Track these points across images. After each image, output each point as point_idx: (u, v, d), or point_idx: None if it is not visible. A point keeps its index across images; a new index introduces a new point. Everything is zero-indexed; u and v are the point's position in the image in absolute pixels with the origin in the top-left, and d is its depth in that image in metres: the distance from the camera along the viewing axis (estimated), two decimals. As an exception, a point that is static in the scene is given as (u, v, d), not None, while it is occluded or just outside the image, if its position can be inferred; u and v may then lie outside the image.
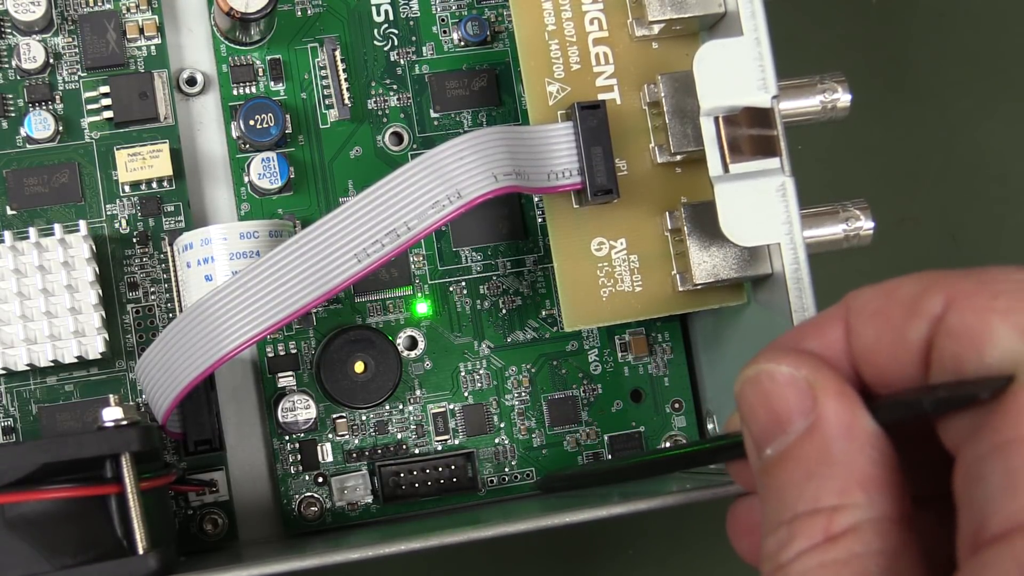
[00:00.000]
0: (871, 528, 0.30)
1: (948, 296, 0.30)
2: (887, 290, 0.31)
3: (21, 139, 0.50)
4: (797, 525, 0.30)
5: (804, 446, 0.31)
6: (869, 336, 0.31)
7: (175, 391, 0.44)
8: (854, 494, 0.30)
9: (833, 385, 0.31)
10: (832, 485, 0.30)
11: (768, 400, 0.32)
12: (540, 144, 0.45)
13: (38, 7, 0.49)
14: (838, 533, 0.30)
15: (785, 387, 0.32)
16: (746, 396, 0.33)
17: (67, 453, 0.39)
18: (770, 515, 0.31)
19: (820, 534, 0.30)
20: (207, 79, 0.51)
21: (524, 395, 0.52)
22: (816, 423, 0.31)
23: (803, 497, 0.30)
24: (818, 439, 0.31)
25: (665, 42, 0.47)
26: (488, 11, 0.53)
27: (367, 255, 0.43)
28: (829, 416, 0.31)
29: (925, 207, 0.60)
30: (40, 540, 0.40)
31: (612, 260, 0.47)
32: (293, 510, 0.50)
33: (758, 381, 0.32)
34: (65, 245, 0.47)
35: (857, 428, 0.31)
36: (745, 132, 0.43)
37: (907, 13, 0.61)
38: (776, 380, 0.32)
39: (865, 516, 0.30)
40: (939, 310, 0.30)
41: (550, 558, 0.55)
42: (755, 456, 0.32)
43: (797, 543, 0.30)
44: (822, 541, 0.30)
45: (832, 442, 0.30)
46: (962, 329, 0.29)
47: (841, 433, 0.31)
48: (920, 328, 0.30)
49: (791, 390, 0.31)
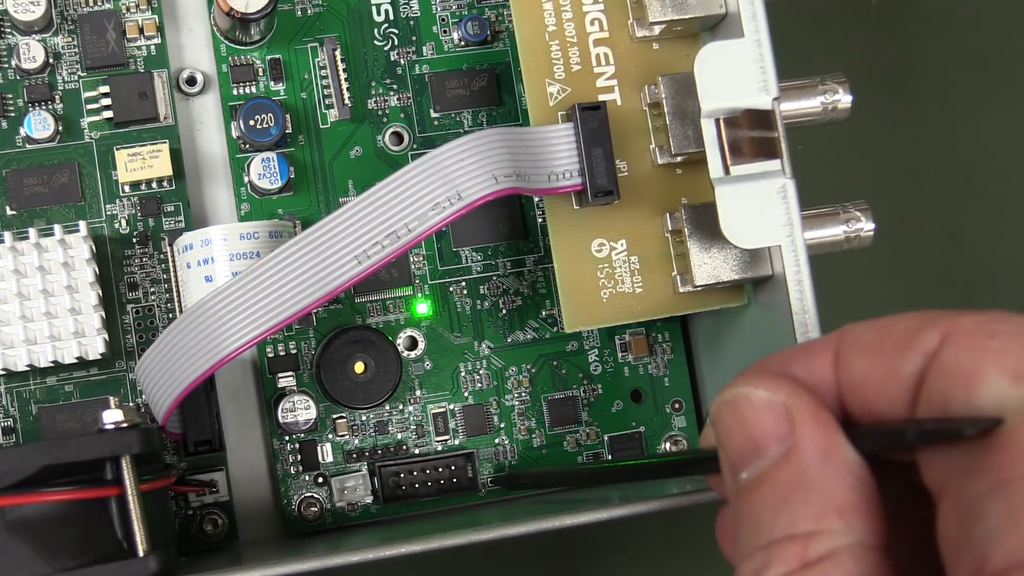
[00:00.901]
0: (848, 554, 0.29)
1: (944, 332, 0.30)
2: (884, 324, 0.31)
3: (21, 139, 0.49)
4: (773, 551, 0.30)
5: (780, 471, 0.30)
6: (859, 367, 0.31)
7: (175, 392, 0.44)
8: (831, 520, 0.30)
9: (811, 410, 0.31)
10: (808, 511, 0.30)
11: (744, 424, 0.32)
12: (540, 145, 0.45)
13: (38, 7, 0.49)
14: (814, 559, 0.29)
15: (762, 411, 0.31)
16: (722, 419, 0.32)
17: (67, 455, 0.39)
18: (745, 540, 0.31)
19: (796, 560, 0.29)
20: (207, 79, 0.51)
21: (524, 395, 0.51)
22: (793, 448, 0.31)
23: (779, 522, 0.30)
24: (795, 464, 0.30)
25: (666, 43, 0.47)
26: (488, 11, 0.52)
27: (367, 257, 0.43)
28: (806, 441, 0.30)
29: (925, 207, 0.60)
30: (41, 542, 0.40)
31: (612, 261, 0.47)
32: (293, 510, 0.50)
33: (735, 404, 0.32)
34: (65, 246, 0.47)
35: (834, 453, 0.30)
36: (746, 134, 0.43)
37: (907, 13, 0.61)
38: (753, 404, 0.31)
39: (842, 542, 0.29)
40: (934, 345, 0.30)
41: (550, 558, 0.55)
42: (731, 479, 0.32)
43: (773, 569, 0.30)
44: (798, 567, 0.29)
45: (808, 467, 0.30)
46: (954, 367, 0.29)
47: (818, 458, 0.30)
48: (913, 362, 0.30)
49: (768, 414, 0.31)
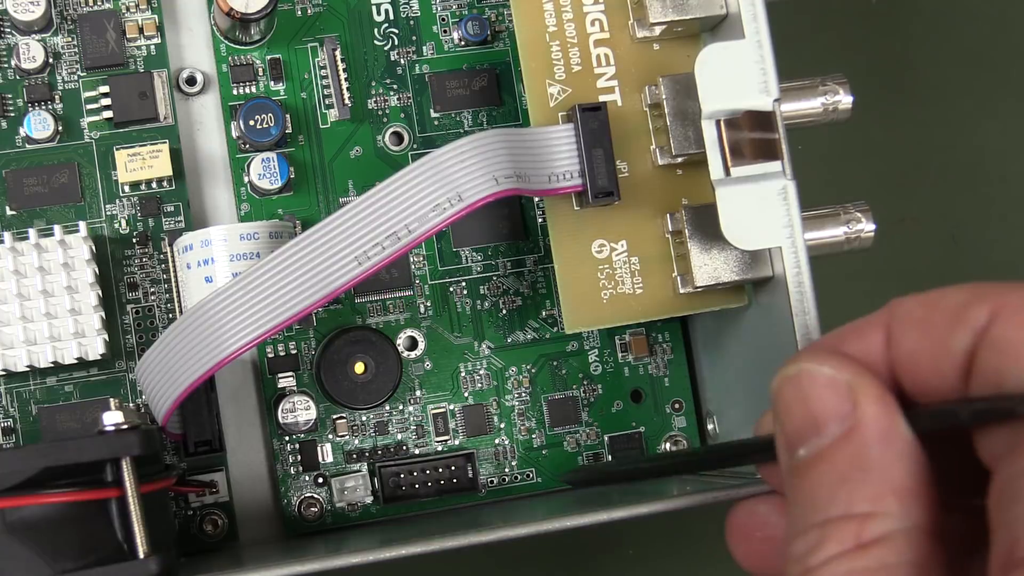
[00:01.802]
0: (903, 538, 0.29)
1: (994, 308, 0.29)
2: (932, 299, 0.31)
3: (20, 139, 0.49)
4: (828, 529, 0.30)
5: (840, 450, 0.30)
6: (911, 344, 0.31)
7: (175, 393, 0.44)
8: (888, 502, 0.29)
9: (874, 390, 0.31)
10: (866, 491, 0.30)
11: (807, 400, 0.31)
12: (541, 146, 0.45)
13: (37, 7, 0.49)
14: (870, 541, 0.29)
15: (825, 388, 0.31)
16: (784, 394, 0.32)
17: (68, 457, 0.39)
18: (799, 517, 0.31)
19: (851, 540, 0.29)
20: (207, 79, 0.51)
21: (524, 395, 0.51)
22: (855, 427, 0.30)
23: (836, 501, 0.30)
24: (855, 444, 0.30)
25: (666, 44, 0.47)
26: (489, 11, 0.52)
27: (368, 258, 0.43)
28: (868, 421, 0.30)
29: (925, 207, 0.60)
30: (41, 544, 0.40)
31: (613, 262, 0.47)
32: (293, 511, 0.50)
33: (798, 380, 0.32)
34: (65, 246, 0.47)
35: (895, 435, 0.30)
36: (747, 135, 0.43)
37: (907, 14, 0.60)
38: (817, 381, 0.31)
39: (898, 525, 0.29)
40: (984, 321, 0.29)
41: (551, 558, 0.55)
42: (786, 456, 0.32)
43: (827, 548, 0.29)
44: (853, 547, 0.29)
45: (869, 448, 0.30)
46: (1005, 342, 0.29)
47: (879, 439, 0.30)
48: (963, 339, 0.30)
49: (831, 392, 0.31)
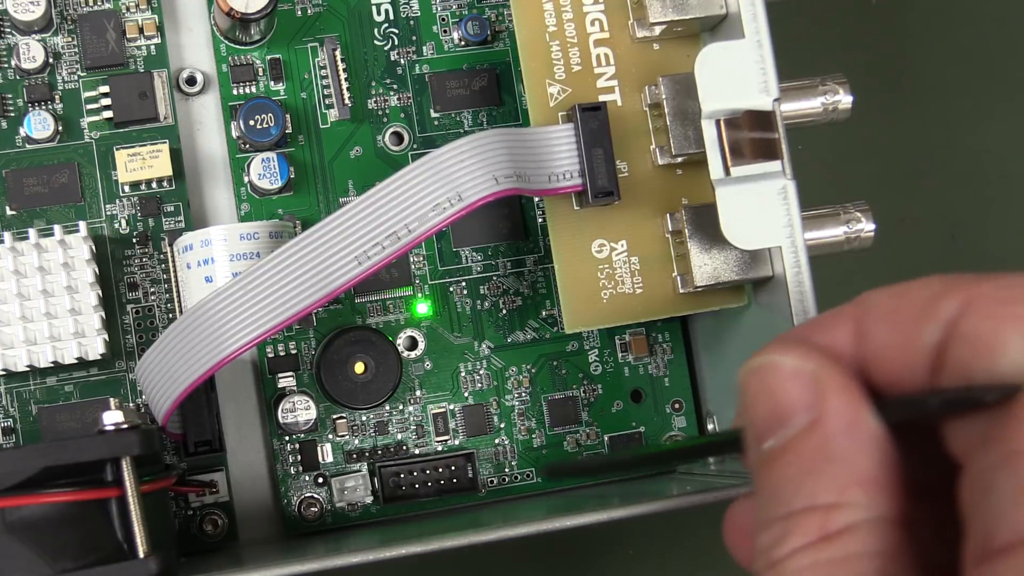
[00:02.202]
0: (868, 528, 0.29)
1: (964, 300, 0.29)
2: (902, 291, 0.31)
3: (20, 139, 0.49)
4: (792, 521, 0.29)
5: (805, 441, 0.30)
6: (880, 337, 0.31)
7: (176, 393, 0.44)
8: (853, 492, 0.29)
9: (839, 380, 0.30)
10: (830, 482, 0.29)
11: (771, 391, 0.31)
12: (541, 146, 0.45)
13: (37, 7, 0.49)
14: (834, 532, 0.29)
15: (790, 379, 0.31)
16: (749, 386, 0.32)
17: (68, 457, 0.39)
18: (765, 510, 0.31)
19: (815, 532, 0.29)
20: (207, 79, 0.51)
21: (524, 395, 0.51)
22: (819, 418, 0.30)
23: (800, 493, 0.30)
24: (819, 434, 0.30)
25: (666, 43, 0.47)
26: (489, 11, 0.52)
27: (368, 257, 0.43)
28: (832, 411, 0.30)
29: (925, 207, 0.60)
30: (41, 544, 0.40)
31: (613, 262, 0.47)
32: (293, 511, 0.50)
33: (763, 371, 0.31)
34: (65, 246, 0.47)
35: (860, 425, 0.30)
36: (746, 135, 0.43)
37: (907, 13, 0.60)
38: (781, 372, 0.31)
39: (863, 516, 0.29)
40: (954, 314, 0.29)
41: (551, 558, 0.55)
42: (754, 449, 0.32)
43: (791, 540, 0.29)
44: (817, 539, 0.29)
45: (834, 438, 0.30)
46: (975, 334, 0.28)
47: (843, 429, 0.30)
48: (933, 331, 0.29)
49: (796, 383, 0.31)
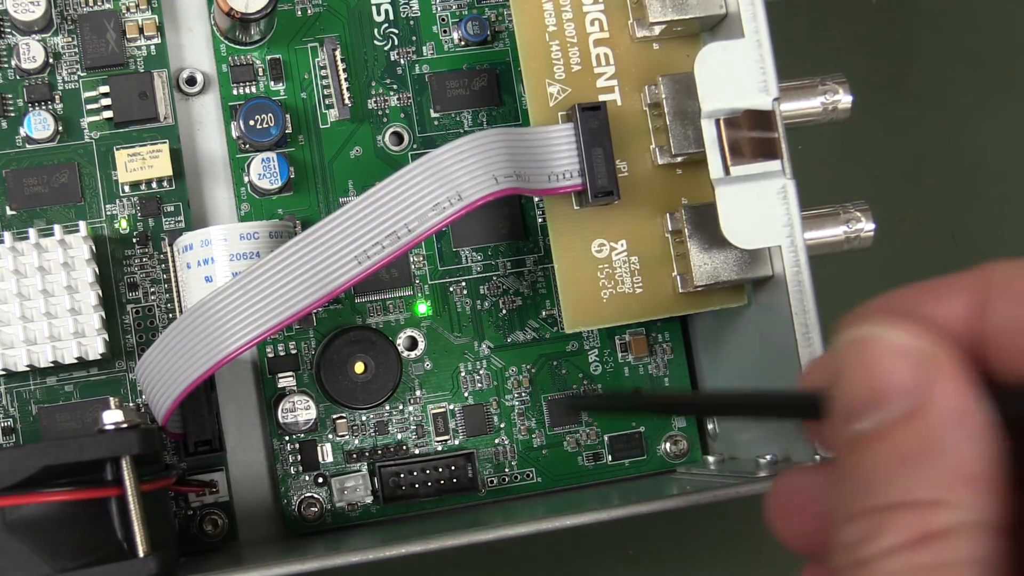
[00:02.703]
0: (973, 532, 0.26)
1: None
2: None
3: (21, 139, 0.49)
4: (887, 516, 0.26)
5: (907, 428, 0.27)
6: (1005, 315, 0.27)
7: (175, 392, 0.44)
8: (958, 491, 0.26)
9: (953, 364, 0.27)
10: (933, 477, 0.26)
11: (872, 368, 0.27)
12: (541, 145, 0.45)
13: (38, 7, 0.49)
14: (934, 533, 0.26)
15: (896, 357, 0.27)
16: (848, 358, 0.28)
17: (68, 456, 0.39)
18: (852, 500, 0.27)
19: (913, 531, 0.26)
20: (207, 79, 0.51)
21: (524, 395, 0.51)
22: (927, 404, 0.27)
23: (897, 485, 0.26)
24: (925, 422, 0.27)
25: (666, 43, 0.47)
26: (488, 11, 0.52)
27: (367, 257, 0.43)
28: (943, 399, 0.27)
29: (925, 207, 0.60)
30: (41, 543, 0.40)
31: (613, 262, 0.47)
32: (293, 510, 0.50)
33: (866, 344, 0.28)
34: (65, 246, 0.47)
35: (971, 416, 0.27)
36: (746, 134, 0.43)
37: (907, 13, 0.60)
38: (888, 347, 0.27)
39: (968, 517, 0.26)
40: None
41: (551, 558, 0.55)
42: (842, 427, 0.28)
43: (885, 538, 0.26)
44: (915, 539, 0.26)
45: (941, 428, 0.26)
46: None
47: (954, 420, 0.27)
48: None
49: (903, 361, 0.27)
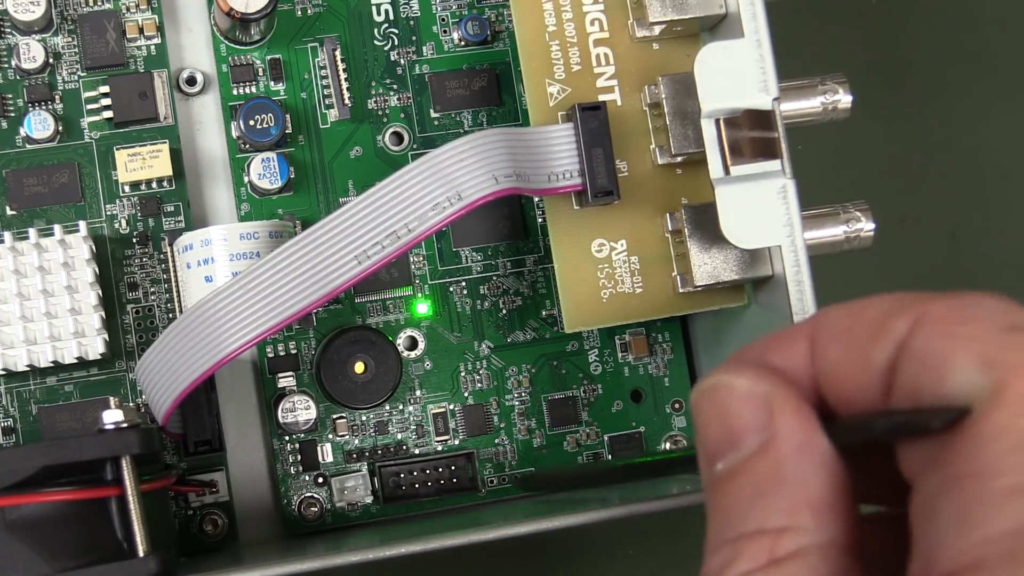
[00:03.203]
0: (818, 553, 0.28)
1: (916, 318, 0.28)
2: (856, 309, 0.30)
3: (21, 139, 0.49)
4: (741, 544, 0.29)
5: (756, 463, 0.29)
6: (833, 356, 0.30)
7: (175, 392, 0.44)
8: (802, 516, 0.29)
9: (791, 403, 0.30)
10: (781, 505, 0.29)
11: (723, 413, 0.30)
12: (541, 145, 0.45)
13: (38, 7, 0.49)
14: (783, 556, 0.28)
15: (741, 401, 0.30)
16: (701, 408, 0.31)
17: (68, 456, 0.39)
18: (715, 533, 0.30)
19: (764, 556, 0.28)
20: (207, 79, 0.51)
21: (524, 395, 0.51)
22: (770, 441, 0.29)
23: (750, 516, 0.29)
24: (771, 457, 0.29)
25: (666, 43, 0.47)
26: (488, 11, 0.52)
27: (367, 257, 0.43)
28: (784, 434, 0.29)
29: (925, 207, 0.60)
30: (40, 543, 0.40)
31: (613, 261, 0.47)
32: (293, 510, 0.50)
33: (715, 393, 0.31)
34: (65, 246, 0.47)
35: (812, 448, 0.29)
36: (746, 134, 0.43)
37: (907, 13, 0.61)
38: (733, 393, 0.30)
39: (812, 540, 0.28)
40: (904, 333, 0.29)
41: (551, 558, 0.55)
42: (706, 470, 0.31)
43: (740, 564, 0.29)
44: (766, 563, 0.28)
45: (785, 461, 0.29)
46: (924, 354, 0.28)
47: (794, 452, 0.29)
48: (885, 350, 0.29)
49: (747, 404, 0.30)
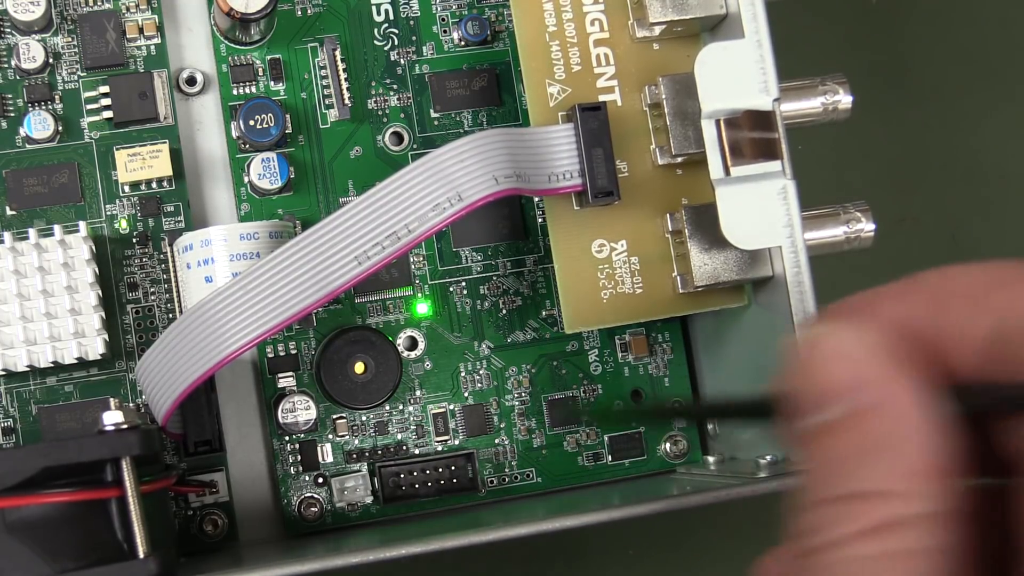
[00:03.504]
0: (929, 522, 0.26)
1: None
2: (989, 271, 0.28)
3: (21, 139, 0.49)
4: (843, 506, 0.26)
5: (864, 421, 0.27)
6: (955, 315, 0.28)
7: (176, 393, 0.44)
8: (915, 481, 0.26)
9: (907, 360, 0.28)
10: (891, 467, 0.26)
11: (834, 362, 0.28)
12: (541, 146, 0.45)
13: (37, 7, 0.49)
14: (890, 522, 0.26)
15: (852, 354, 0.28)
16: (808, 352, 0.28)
17: (68, 457, 0.39)
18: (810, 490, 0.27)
19: (867, 520, 0.26)
20: (207, 79, 0.51)
21: (524, 395, 0.51)
22: (885, 398, 0.27)
23: (854, 475, 0.27)
24: (882, 416, 0.27)
25: (666, 43, 0.47)
26: (488, 11, 0.52)
27: (368, 257, 0.43)
28: (899, 392, 0.27)
29: (925, 207, 0.60)
30: (41, 544, 0.40)
31: (613, 262, 0.47)
32: (293, 511, 0.50)
33: (823, 341, 0.28)
34: (65, 246, 0.47)
35: (927, 410, 0.27)
36: (746, 135, 0.43)
37: (907, 13, 0.60)
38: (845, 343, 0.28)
39: (924, 508, 0.26)
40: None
41: (551, 558, 0.55)
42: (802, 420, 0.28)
43: (840, 526, 0.26)
44: (869, 529, 0.26)
45: (899, 421, 0.27)
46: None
47: (910, 413, 0.27)
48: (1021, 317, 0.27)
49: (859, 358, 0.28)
